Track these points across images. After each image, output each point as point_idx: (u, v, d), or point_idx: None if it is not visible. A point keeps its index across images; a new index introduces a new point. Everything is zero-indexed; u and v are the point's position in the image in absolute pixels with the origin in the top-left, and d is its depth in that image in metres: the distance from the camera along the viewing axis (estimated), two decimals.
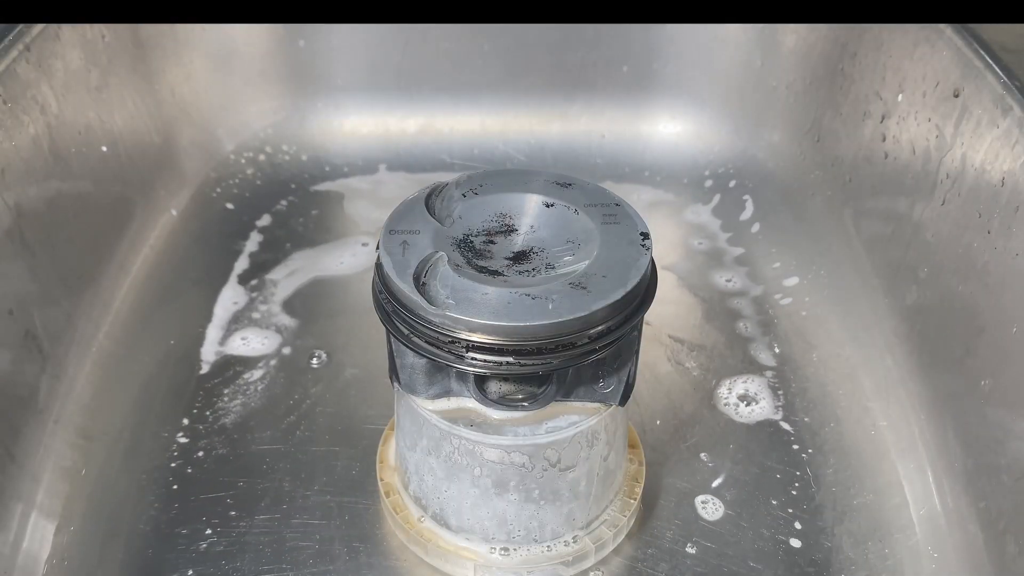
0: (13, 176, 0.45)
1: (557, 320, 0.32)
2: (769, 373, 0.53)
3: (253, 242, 0.62)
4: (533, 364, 0.33)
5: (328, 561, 0.42)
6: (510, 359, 0.33)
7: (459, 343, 0.33)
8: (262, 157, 0.69)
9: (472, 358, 0.33)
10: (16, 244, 0.45)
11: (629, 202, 0.38)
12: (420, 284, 0.33)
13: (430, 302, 0.33)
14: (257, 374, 0.52)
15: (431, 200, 0.37)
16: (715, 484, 0.46)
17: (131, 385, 0.51)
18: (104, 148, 0.55)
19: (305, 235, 0.63)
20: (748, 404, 0.51)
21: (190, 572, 0.42)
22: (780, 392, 0.52)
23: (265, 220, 0.64)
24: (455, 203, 0.38)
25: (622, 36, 0.69)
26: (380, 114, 0.71)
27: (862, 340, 0.53)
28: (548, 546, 0.40)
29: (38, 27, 0.49)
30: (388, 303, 0.34)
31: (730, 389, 0.52)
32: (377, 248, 0.35)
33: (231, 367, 0.52)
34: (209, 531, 0.43)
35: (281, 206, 0.65)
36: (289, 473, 0.46)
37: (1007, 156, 0.43)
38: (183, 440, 0.48)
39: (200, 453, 0.47)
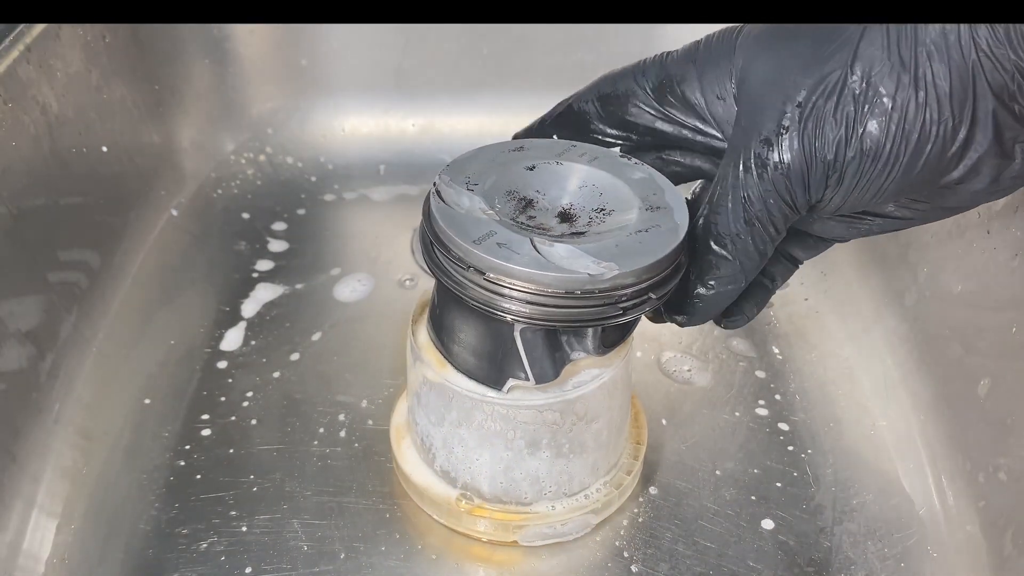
0: (13, 176, 0.45)
1: (678, 241, 0.34)
2: (768, 373, 0.53)
3: (254, 243, 0.62)
4: (666, 292, 0.34)
5: (328, 561, 0.42)
6: (652, 295, 0.34)
7: (619, 297, 0.33)
8: (262, 158, 0.69)
9: (633, 305, 0.34)
10: (16, 244, 0.45)
11: None
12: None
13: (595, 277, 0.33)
14: (258, 374, 0.52)
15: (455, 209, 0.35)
16: (715, 484, 0.46)
17: (131, 385, 0.51)
18: (104, 148, 0.55)
19: (305, 237, 0.63)
20: (747, 404, 0.51)
21: (190, 572, 0.42)
22: (780, 392, 0.52)
23: (266, 221, 0.64)
24: (469, 196, 0.36)
25: (622, 36, 0.69)
26: (380, 114, 0.71)
27: (862, 340, 0.53)
28: (577, 497, 0.42)
29: (38, 27, 0.49)
30: (543, 306, 0.33)
31: (729, 389, 0.52)
32: (485, 243, 0.34)
33: (232, 367, 0.52)
34: (209, 531, 0.44)
35: (282, 206, 0.65)
36: (289, 473, 0.46)
37: None
38: (183, 440, 0.48)
39: (200, 453, 0.47)
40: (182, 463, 0.47)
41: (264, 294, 0.58)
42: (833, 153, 0.31)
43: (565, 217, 0.36)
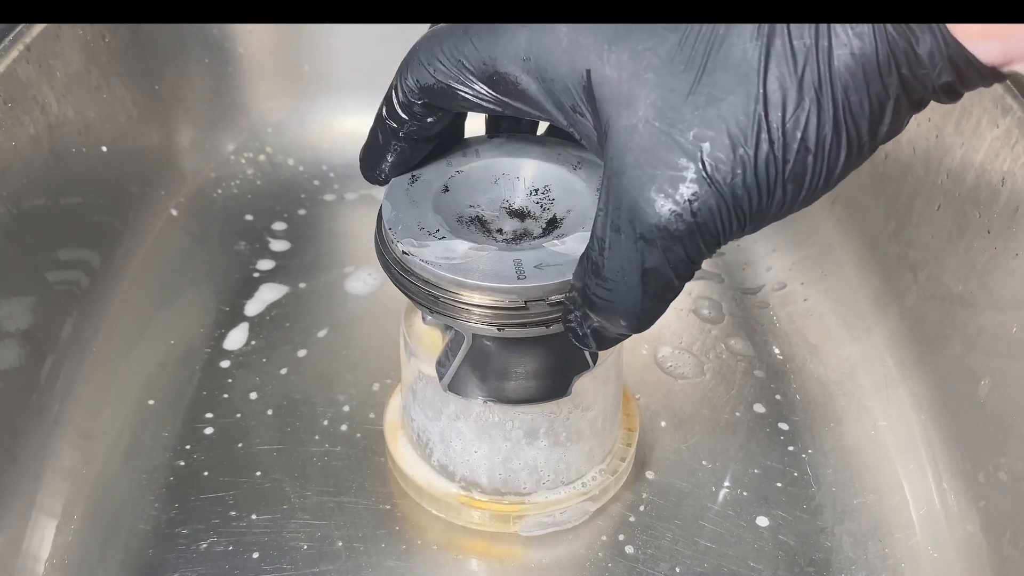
0: (13, 176, 0.45)
1: None
2: (768, 373, 0.53)
3: (254, 243, 0.62)
4: None
5: (328, 561, 0.42)
6: None
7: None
8: (262, 157, 0.69)
9: None
10: (16, 244, 0.45)
11: None
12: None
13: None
14: (258, 374, 0.52)
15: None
16: (715, 484, 0.46)
17: (131, 385, 0.51)
18: (104, 148, 0.55)
19: (306, 237, 0.63)
20: (747, 404, 0.51)
21: (190, 572, 0.42)
22: (780, 392, 0.52)
23: (266, 221, 0.64)
24: (446, 244, 0.34)
25: None
26: None
27: (862, 340, 0.53)
28: (574, 485, 0.43)
29: (38, 27, 0.49)
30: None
31: (728, 389, 0.52)
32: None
33: (232, 367, 0.52)
34: (209, 531, 0.44)
35: (282, 206, 0.65)
36: (289, 473, 0.46)
37: (1007, 156, 0.43)
38: (183, 440, 0.48)
39: (200, 453, 0.47)
40: (182, 463, 0.47)
41: (267, 294, 0.58)
42: (755, 206, 0.28)
43: (520, 215, 0.36)
